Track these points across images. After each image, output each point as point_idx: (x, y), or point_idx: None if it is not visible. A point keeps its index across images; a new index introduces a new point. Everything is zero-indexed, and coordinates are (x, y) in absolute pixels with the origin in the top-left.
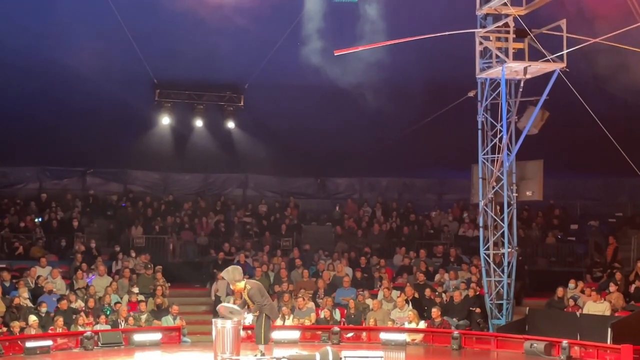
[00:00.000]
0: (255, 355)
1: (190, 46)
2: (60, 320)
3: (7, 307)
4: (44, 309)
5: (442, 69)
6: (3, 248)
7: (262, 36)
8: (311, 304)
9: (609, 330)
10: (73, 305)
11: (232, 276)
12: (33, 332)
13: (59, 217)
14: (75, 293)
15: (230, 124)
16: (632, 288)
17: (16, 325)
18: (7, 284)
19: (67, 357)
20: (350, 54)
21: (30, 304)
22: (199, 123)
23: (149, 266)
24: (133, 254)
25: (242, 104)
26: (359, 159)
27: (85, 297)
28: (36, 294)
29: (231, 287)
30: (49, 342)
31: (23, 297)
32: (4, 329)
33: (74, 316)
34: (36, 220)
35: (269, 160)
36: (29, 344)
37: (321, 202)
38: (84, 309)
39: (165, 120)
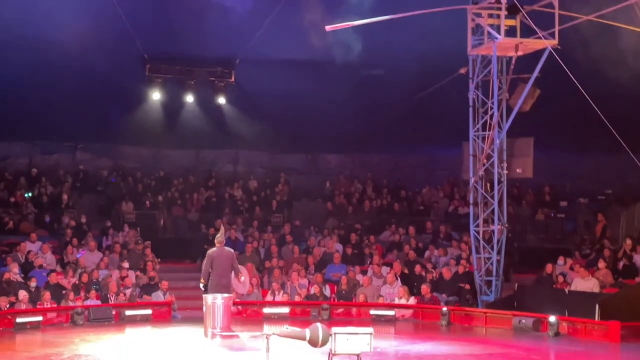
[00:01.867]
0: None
1: (181, 21)
2: (47, 295)
3: None
4: (33, 284)
5: (433, 46)
6: None
7: (253, 11)
8: (305, 280)
9: (597, 306)
10: (63, 280)
11: (217, 234)
12: (23, 307)
13: (49, 192)
14: (65, 268)
15: (221, 100)
16: (620, 265)
17: (4, 299)
18: None
19: (57, 332)
20: (342, 30)
21: (20, 279)
22: (189, 98)
23: (139, 241)
24: (126, 229)
25: (232, 79)
26: (350, 135)
27: (76, 272)
28: (26, 269)
29: None
30: (39, 318)
31: (13, 272)
32: None
33: (64, 291)
34: (26, 195)
35: (259, 136)
36: (19, 319)
37: (312, 178)
38: (75, 283)
39: (156, 95)
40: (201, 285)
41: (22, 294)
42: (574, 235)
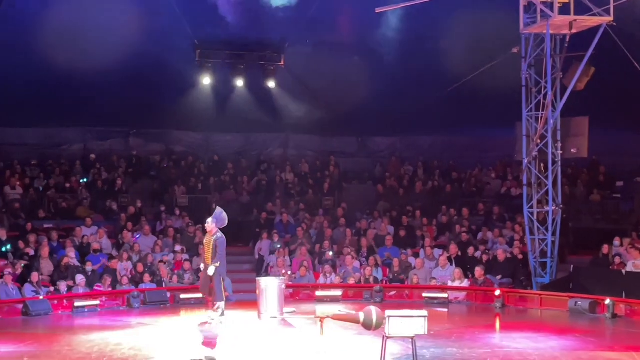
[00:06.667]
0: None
1: (231, 5)
2: (107, 279)
3: (55, 267)
4: (89, 268)
5: (485, 25)
6: (49, 208)
7: None
8: (357, 262)
9: None
10: (119, 264)
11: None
12: (81, 291)
13: (104, 178)
14: (121, 252)
15: (271, 84)
16: None
17: (62, 284)
18: (55, 244)
19: (114, 315)
20: (392, 10)
21: (77, 263)
22: (239, 83)
23: (190, 224)
24: (177, 212)
25: (282, 63)
26: (400, 117)
27: (131, 256)
28: (83, 253)
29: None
30: (96, 301)
31: (70, 256)
32: (52, 288)
33: (120, 275)
34: (81, 180)
35: (309, 119)
36: (77, 303)
37: (361, 161)
38: (130, 268)
39: (206, 80)
40: (214, 268)
41: (80, 277)
42: (631, 215)
